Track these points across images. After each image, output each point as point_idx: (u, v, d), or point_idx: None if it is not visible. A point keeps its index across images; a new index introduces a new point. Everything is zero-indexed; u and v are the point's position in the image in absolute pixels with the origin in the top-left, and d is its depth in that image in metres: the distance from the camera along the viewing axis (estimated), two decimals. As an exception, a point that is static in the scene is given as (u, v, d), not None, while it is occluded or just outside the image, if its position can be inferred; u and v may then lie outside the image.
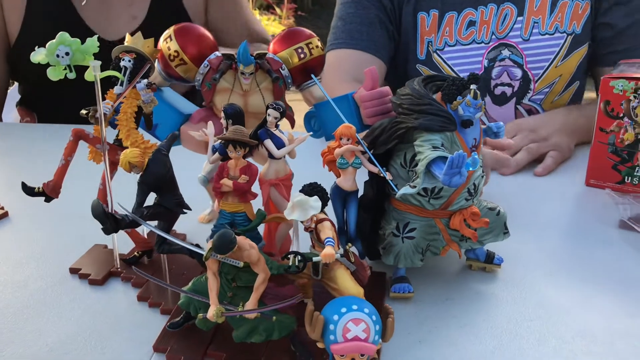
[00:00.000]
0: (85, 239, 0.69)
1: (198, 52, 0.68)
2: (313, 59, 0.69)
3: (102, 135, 0.58)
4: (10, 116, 1.48)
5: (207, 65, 0.68)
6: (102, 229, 0.52)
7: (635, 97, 0.82)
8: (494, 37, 1.14)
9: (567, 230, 0.77)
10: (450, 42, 1.15)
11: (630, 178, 0.85)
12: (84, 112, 0.61)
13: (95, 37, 0.58)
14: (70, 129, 0.62)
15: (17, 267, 0.66)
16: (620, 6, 1.12)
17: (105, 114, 0.59)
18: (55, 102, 1.31)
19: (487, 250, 0.65)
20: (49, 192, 0.60)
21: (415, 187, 0.53)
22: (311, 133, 0.65)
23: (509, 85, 1.16)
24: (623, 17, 1.12)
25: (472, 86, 0.55)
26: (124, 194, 0.59)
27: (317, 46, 0.70)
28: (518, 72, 1.15)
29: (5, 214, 0.77)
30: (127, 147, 0.58)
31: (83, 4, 1.26)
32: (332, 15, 1.23)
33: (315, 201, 0.49)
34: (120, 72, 0.61)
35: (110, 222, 0.50)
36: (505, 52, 1.14)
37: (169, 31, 0.69)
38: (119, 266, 0.63)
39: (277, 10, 6.19)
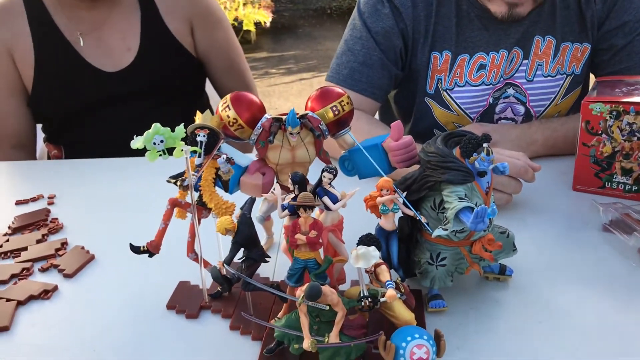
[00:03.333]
0: (169, 276, 0.84)
1: (252, 116, 0.82)
2: (345, 114, 0.84)
3: (192, 201, 0.72)
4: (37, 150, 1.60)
5: (260, 127, 0.81)
6: (219, 288, 0.67)
7: (610, 117, 0.98)
8: (501, 79, 1.25)
9: (560, 235, 0.93)
10: (460, 82, 1.25)
11: (609, 183, 1.02)
12: (172, 180, 0.74)
13: (182, 125, 0.71)
14: (109, 161, 0.76)
15: (116, 307, 0.80)
16: (616, 30, 1.22)
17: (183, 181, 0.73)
18: (79, 135, 1.45)
19: (500, 263, 0.81)
20: (152, 250, 0.74)
21: (447, 229, 0.68)
22: (358, 189, 0.79)
23: (512, 119, 1.29)
24: (620, 38, 1.22)
25: (485, 144, 0.70)
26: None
27: (347, 103, 0.84)
28: (521, 109, 1.28)
29: (92, 257, 0.91)
30: (210, 208, 0.73)
31: (81, 44, 1.39)
32: None
33: (374, 251, 0.64)
34: (197, 146, 0.74)
35: (226, 282, 0.65)
36: (510, 91, 1.26)
37: (227, 100, 0.82)
38: (207, 300, 0.78)
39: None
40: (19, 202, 1.09)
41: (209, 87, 1.61)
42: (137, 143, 0.69)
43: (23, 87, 1.40)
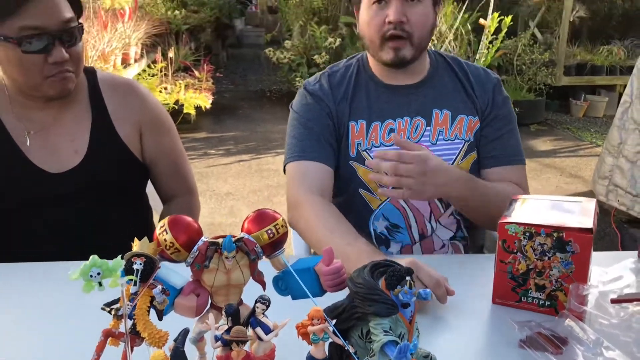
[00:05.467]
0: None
1: (188, 239, 0.85)
2: (280, 236, 0.88)
3: (125, 330, 0.73)
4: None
5: (197, 251, 0.84)
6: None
7: (524, 237, 1.06)
8: (409, 140, 1.45)
9: (479, 351, 0.98)
10: (376, 144, 1.47)
11: (525, 298, 1.09)
12: (106, 309, 0.75)
13: (119, 257, 0.73)
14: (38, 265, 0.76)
15: None
16: (494, 121, 1.48)
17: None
18: (13, 230, 1.42)
19: None
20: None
21: (372, 361, 0.72)
22: (289, 320, 0.82)
23: None
24: (493, 130, 1.49)
25: (407, 278, 0.76)
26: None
27: (282, 225, 0.88)
28: None
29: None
30: (144, 337, 0.74)
31: (27, 144, 1.39)
32: (246, 67, 1.53)
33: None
34: (133, 273, 0.76)
35: None
36: None
37: (165, 224, 0.85)
38: None
39: (196, 72, 6.35)
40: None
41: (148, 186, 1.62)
42: (74, 275, 0.71)
43: None
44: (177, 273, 0.89)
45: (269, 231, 0.87)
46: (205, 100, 4.65)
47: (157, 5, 7.57)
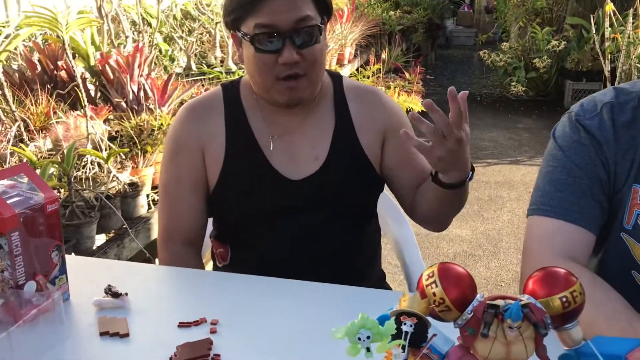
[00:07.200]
0: None
1: (461, 295, 0.69)
2: (577, 306, 0.69)
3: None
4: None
5: (471, 312, 0.69)
6: None
7: None
8: None
9: None
10: None
11: None
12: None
13: (392, 319, 0.60)
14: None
15: None
16: None
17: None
18: (249, 238, 1.40)
19: None
20: None
21: None
22: None
23: None
24: None
25: None
26: None
27: (580, 293, 0.69)
28: None
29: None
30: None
31: (271, 148, 1.35)
32: (455, 69, 1.27)
33: None
34: (401, 337, 0.63)
35: None
36: None
37: (434, 274, 0.70)
38: None
39: (406, 74, 6.25)
40: (181, 325, 1.04)
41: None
42: (338, 334, 0.59)
43: (206, 184, 1.38)
44: (442, 333, 0.74)
45: (564, 299, 0.68)
46: (417, 104, 4.52)
47: (372, 6, 7.64)
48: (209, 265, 1.61)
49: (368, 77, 5.40)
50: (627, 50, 4.77)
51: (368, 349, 0.59)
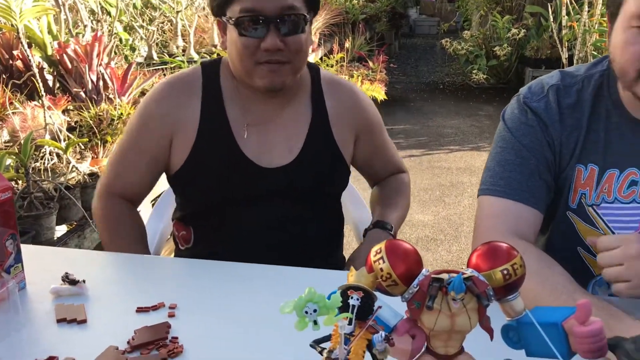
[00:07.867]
0: None
1: (407, 270, 0.72)
2: (517, 279, 0.72)
3: (339, 379, 0.62)
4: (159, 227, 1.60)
5: (417, 286, 0.71)
6: None
7: None
8: None
9: None
10: (608, 198, 1.14)
11: None
12: (317, 347, 0.65)
13: (339, 292, 0.63)
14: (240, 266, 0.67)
15: None
16: None
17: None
18: (213, 223, 1.40)
19: None
20: None
21: None
22: None
23: None
24: None
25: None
26: None
27: (520, 265, 0.72)
28: None
29: None
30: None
31: (244, 136, 1.36)
32: (418, 58, 1.28)
33: None
34: (348, 310, 0.65)
35: None
36: None
37: (381, 250, 0.73)
38: None
39: (370, 63, 6.29)
40: (140, 310, 1.04)
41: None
42: (286, 308, 0.61)
43: (166, 162, 1.39)
44: (390, 307, 0.77)
45: (505, 271, 0.72)
46: (380, 92, 4.56)
47: (336, -6, 7.63)
48: (171, 249, 1.62)
49: (332, 66, 5.42)
50: (583, 38, 4.89)
51: (315, 322, 0.61)
